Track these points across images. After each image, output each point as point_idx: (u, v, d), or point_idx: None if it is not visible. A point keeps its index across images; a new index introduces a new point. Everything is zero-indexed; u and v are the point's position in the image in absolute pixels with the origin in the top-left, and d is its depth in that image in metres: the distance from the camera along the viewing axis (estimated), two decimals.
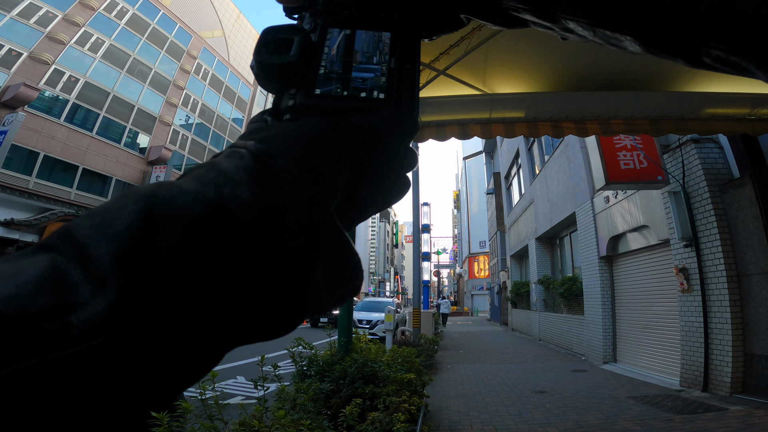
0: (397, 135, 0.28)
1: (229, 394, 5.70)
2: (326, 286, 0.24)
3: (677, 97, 3.64)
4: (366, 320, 14.06)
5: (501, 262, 24.44)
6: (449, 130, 3.90)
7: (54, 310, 0.16)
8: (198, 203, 0.19)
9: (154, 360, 0.18)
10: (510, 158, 20.17)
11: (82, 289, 0.17)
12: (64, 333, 0.16)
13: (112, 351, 0.17)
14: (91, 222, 0.18)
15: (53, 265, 0.17)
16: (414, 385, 4.02)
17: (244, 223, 0.20)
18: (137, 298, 0.17)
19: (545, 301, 14.08)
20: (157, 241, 0.18)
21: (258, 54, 0.29)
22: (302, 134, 0.25)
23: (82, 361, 0.16)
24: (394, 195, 0.29)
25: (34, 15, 18.36)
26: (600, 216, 9.59)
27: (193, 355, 0.19)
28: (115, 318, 0.17)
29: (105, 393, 0.17)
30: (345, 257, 0.25)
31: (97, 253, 0.17)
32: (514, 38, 3.06)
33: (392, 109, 0.28)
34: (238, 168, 0.21)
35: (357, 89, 0.29)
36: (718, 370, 5.71)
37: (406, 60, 0.30)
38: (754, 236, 5.42)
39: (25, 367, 0.15)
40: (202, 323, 0.19)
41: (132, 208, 0.18)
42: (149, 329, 0.17)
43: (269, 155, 0.22)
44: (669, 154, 6.78)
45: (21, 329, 0.15)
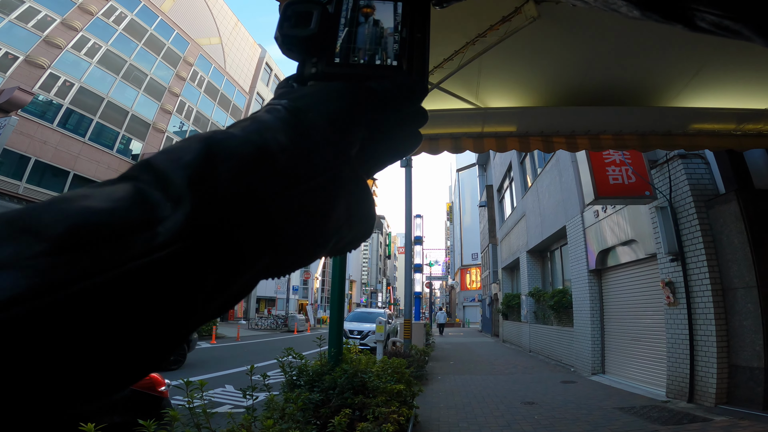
0: (408, 98, 0.32)
1: (217, 402, 5.64)
2: (346, 221, 0.29)
3: (665, 112, 3.71)
4: (357, 330, 13.98)
5: (493, 274, 24.52)
6: (442, 144, 3.95)
7: (145, 222, 0.20)
8: (247, 145, 0.24)
9: (218, 266, 0.22)
10: (503, 171, 20.37)
11: (164, 206, 0.21)
12: (153, 241, 0.20)
13: (186, 257, 0.21)
14: (166, 156, 0.23)
15: (137, 189, 0.21)
16: (404, 396, 4.02)
17: (282, 161, 0.25)
18: (206, 213, 0.22)
19: (536, 313, 14.14)
20: (219, 172, 0.23)
21: (281, 28, 0.32)
22: (326, 95, 0.30)
23: (163, 266, 0.20)
24: (407, 148, 0.33)
25: (32, 18, 18.34)
26: (590, 230, 9.71)
27: (245, 264, 0.24)
28: (190, 228, 0.21)
29: (177, 297, 0.21)
30: (362, 197, 0.30)
31: (174, 179, 0.22)
32: (507, 52, 3.12)
33: (404, 75, 0.32)
34: (276, 120, 0.27)
35: (372, 57, 0.32)
36: (704, 381, 5.79)
37: (417, 29, 0.33)
38: (739, 251, 5.53)
39: (126, 269, 0.19)
40: (252, 236, 0.23)
41: (196, 146, 0.23)
42: (215, 238, 0.22)
43: (300, 110, 0.28)
44: (657, 170, 6.92)
45: (121, 237, 0.19)
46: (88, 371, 0.19)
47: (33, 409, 0.17)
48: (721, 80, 3.35)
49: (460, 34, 3.01)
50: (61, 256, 0.18)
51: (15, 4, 17.80)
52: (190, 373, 7.81)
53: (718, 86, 3.42)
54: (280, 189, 0.25)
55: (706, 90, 3.46)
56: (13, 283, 0.17)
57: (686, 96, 3.55)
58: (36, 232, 0.18)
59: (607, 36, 2.97)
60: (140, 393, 3.06)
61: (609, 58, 3.21)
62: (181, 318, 0.21)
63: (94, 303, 0.18)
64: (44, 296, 0.17)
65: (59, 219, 0.19)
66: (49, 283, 0.17)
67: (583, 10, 2.65)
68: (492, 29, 2.92)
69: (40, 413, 0.18)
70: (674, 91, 3.51)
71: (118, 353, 0.19)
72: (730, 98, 3.53)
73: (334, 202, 0.28)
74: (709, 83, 3.38)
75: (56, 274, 0.17)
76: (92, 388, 0.19)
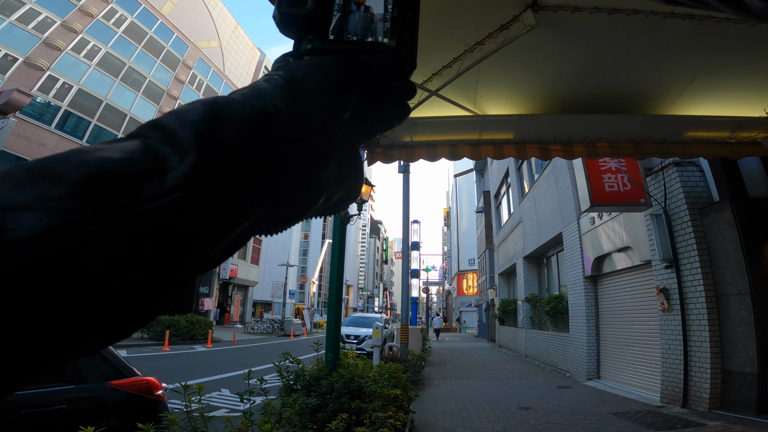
0: (398, 72, 0.35)
1: (214, 406, 5.62)
2: (336, 178, 0.32)
3: (660, 120, 3.75)
4: (354, 335, 13.95)
5: (489, 279, 24.54)
6: (440, 151, 3.98)
7: (155, 170, 0.23)
8: (248, 107, 0.28)
9: (220, 212, 0.25)
10: (500, 177, 20.44)
11: (171, 157, 0.24)
12: (162, 187, 0.23)
13: (191, 201, 0.23)
14: (173, 117, 0.26)
15: (147, 143, 0.24)
16: (400, 401, 4.03)
17: (279, 122, 0.28)
18: (210, 164, 0.25)
19: (532, 319, 14.16)
20: (222, 129, 0.26)
21: (279, 6, 0.34)
22: (320, 66, 0.33)
23: (171, 209, 0.23)
24: (395, 119, 0.37)
25: (33, 20, 18.36)
26: (586, 237, 9.76)
27: (244, 211, 0.27)
28: (196, 176, 0.24)
29: (183, 238, 0.23)
30: (351, 157, 0.33)
31: (181, 134, 0.25)
32: (505, 60, 3.15)
33: (394, 51, 0.35)
34: (274, 87, 0.30)
35: (364, 34, 0.35)
36: (697, 386, 5.83)
37: (408, 9, 0.36)
38: (733, 258, 5.59)
39: (138, 212, 0.21)
40: (251, 185, 0.27)
41: (201, 108, 0.26)
42: (218, 186, 0.25)
43: (296, 79, 0.31)
44: (652, 177, 6.99)
45: (134, 183, 0.22)
46: (102, 307, 0.21)
47: (53, 346, 0.20)
48: (715, 88, 3.40)
49: (459, 41, 3.05)
50: (81, 199, 0.20)
51: (16, 5, 17.82)
52: (186, 377, 7.79)
53: (712, 94, 3.47)
54: (277, 146, 0.28)
55: (700, 98, 3.51)
56: (36, 222, 0.19)
57: (681, 104, 3.59)
58: (56, 177, 0.20)
59: (604, 44, 3.02)
60: (137, 397, 3.06)
61: (605, 66, 3.25)
62: (185, 259, 0.24)
63: (110, 241, 0.20)
64: (66, 234, 0.19)
65: (78, 166, 0.21)
66: (70, 222, 0.19)
67: (581, 19, 2.68)
68: (490, 37, 2.95)
69: (60, 351, 0.20)
70: (669, 99, 3.55)
71: (128, 290, 0.21)
72: (725, 106, 3.58)
73: (327, 159, 0.31)
74: (703, 91, 3.43)
75: (76, 214, 0.20)
76: (103, 326, 0.21)
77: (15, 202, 0.19)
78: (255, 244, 33.15)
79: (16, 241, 0.18)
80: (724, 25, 2.66)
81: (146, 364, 9.93)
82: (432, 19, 2.72)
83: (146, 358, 11.47)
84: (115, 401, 2.90)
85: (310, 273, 46.34)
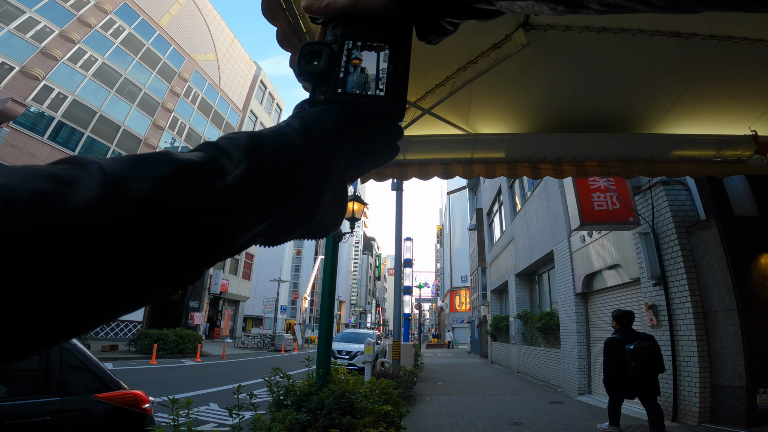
0: (389, 119, 0.44)
1: (202, 420, 5.51)
2: (331, 203, 0.41)
3: (647, 139, 3.81)
4: (345, 351, 13.81)
5: (482, 296, 24.51)
6: (432, 169, 4.01)
7: (219, 172, 0.32)
8: (276, 141, 0.37)
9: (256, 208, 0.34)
10: (492, 195, 20.61)
11: (229, 166, 0.33)
12: (225, 182, 0.31)
13: (242, 196, 0.32)
14: (227, 140, 0.35)
15: (210, 155, 0.33)
16: (391, 417, 3.99)
17: (298, 155, 0.38)
18: (254, 173, 0.34)
19: (524, 335, 14.14)
20: (261, 151, 0.35)
21: (299, 64, 0.43)
22: (326, 114, 0.42)
23: (229, 199, 0.31)
24: (386, 156, 0.45)
25: (31, 29, 18.38)
26: (576, 254, 9.85)
27: (268, 212, 0.35)
28: (246, 178, 0.33)
29: (231, 221, 0.31)
30: (341, 192, 0.42)
31: (234, 152, 0.34)
32: (497, 79, 3.20)
33: (388, 102, 0.43)
34: (293, 130, 0.39)
35: (365, 88, 0.43)
36: (687, 400, 5.86)
37: (400, 66, 0.44)
38: (719, 276, 5.67)
39: (210, 196, 0.30)
40: (276, 194, 0.35)
41: (246, 135, 0.36)
42: (258, 189, 0.34)
43: (309, 125, 0.40)
44: (640, 196, 7.11)
45: (207, 177, 0.31)
46: (173, 262, 0.28)
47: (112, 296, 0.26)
48: (701, 107, 3.47)
49: (452, 60, 3.12)
50: (175, 181, 0.29)
51: (15, 13, 17.85)
52: (174, 391, 7.63)
53: (698, 113, 3.54)
54: (295, 170, 0.37)
55: (686, 117, 3.58)
56: (149, 189, 0.27)
57: (667, 123, 3.65)
58: (157, 165, 0.29)
59: (593, 63, 3.09)
60: (123, 410, 3.00)
61: (594, 85, 3.32)
62: (229, 237, 0.32)
63: (190, 212, 0.29)
64: (165, 202, 0.28)
65: (171, 161, 0.30)
66: (169, 194, 0.28)
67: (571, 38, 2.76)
68: (483, 56, 3.03)
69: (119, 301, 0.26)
70: (656, 118, 3.61)
71: (191, 254, 0.29)
72: (710, 125, 3.64)
73: (327, 186, 0.40)
74: (689, 110, 3.50)
75: (173, 190, 0.28)
76: (166, 279, 0.28)
77: (132, 175, 0.27)
78: (247, 260, 32.89)
79: (137, 201, 0.26)
80: (708, 42, 2.75)
81: (133, 377, 9.73)
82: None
83: (133, 371, 11.23)
84: (101, 414, 2.85)
85: (302, 289, 45.93)
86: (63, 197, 0.24)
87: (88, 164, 0.27)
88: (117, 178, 0.27)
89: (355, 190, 6.54)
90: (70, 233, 0.24)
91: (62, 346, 2.67)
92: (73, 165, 0.27)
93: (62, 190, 0.24)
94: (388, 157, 0.45)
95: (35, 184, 0.24)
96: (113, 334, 19.41)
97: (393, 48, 0.44)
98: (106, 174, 0.26)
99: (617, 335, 5.31)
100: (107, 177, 0.26)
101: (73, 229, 0.24)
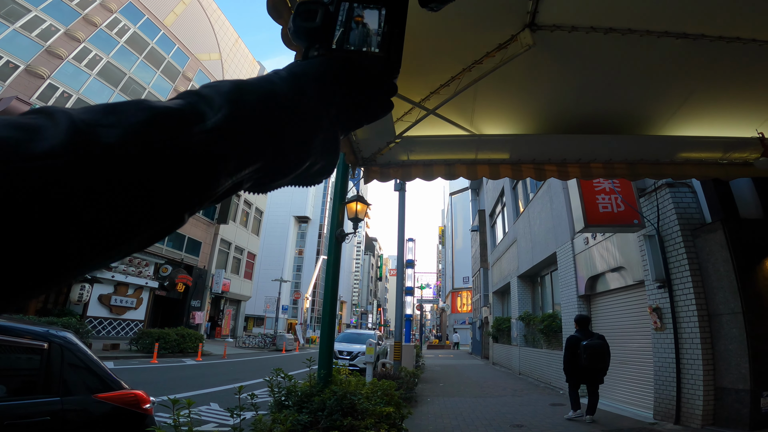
0: (384, 75, 0.44)
1: (203, 420, 5.50)
2: (320, 150, 0.42)
3: (653, 141, 3.78)
4: (346, 351, 13.78)
5: (483, 297, 24.45)
6: (436, 170, 3.98)
7: (199, 117, 0.32)
8: (261, 87, 0.37)
9: (239, 151, 0.34)
10: (495, 196, 20.56)
11: (209, 112, 0.33)
12: (204, 127, 0.32)
13: (222, 138, 0.33)
14: (209, 88, 0.35)
15: (190, 102, 0.33)
16: (393, 419, 3.97)
17: (283, 102, 0.38)
18: (236, 118, 0.34)
19: (525, 337, 14.08)
20: (245, 98, 0.35)
21: (294, 21, 0.43)
22: (317, 64, 0.42)
23: (209, 141, 0.32)
24: (380, 111, 0.46)
25: (36, 28, 18.45)
26: (579, 256, 9.80)
27: (252, 157, 0.36)
28: (225, 123, 0.33)
29: (213, 162, 0.32)
30: (333, 141, 0.43)
31: (216, 98, 0.34)
32: (502, 79, 3.16)
33: (383, 58, 0.43)
34: (280, 78, 0.39)
35: (360, 45, 0.43)
36: (690, 403, 5.82)
37: (396, 26, 0.44)
38: (724, 279, 5.63)
39: (187, 139, 0.31)
40: (260, 139, 0.36)
41: (229, 83, 0.36)
42: (239, 132, 0.34)
43: (296, 73, 0.40)
44: (645, 198, 7.06)
45: (185, 122, 0.31)
46: (154, 200, 0.29)
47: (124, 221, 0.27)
48: (707, 109, 3.44)
49: (457, 60, 3.09)
50: (149, 126, 0.29)
51: (21, 12, 17.93)
52: (174, 390, 7.63)
53: (704, 115, 3.50)
54: (281, 116, 0.37)
55: (693, 119, 3.55)
56: (119, 135, 0.27)
57: (674, 125, 3.62)
58: (130, 112, 0.29)
59: (599, 64, 3.06)
60: (124, 410, 2.99)
61: (600, 86, 3.29)
62: (209, 180, 0.32)
63: (167, 154, 0.29)
64: (139, 146, 0.28)
65: (146, 107, 0.30)
66: (142, 139, 0.28)
67: (577, 39, 2.73)
68: (488, 56, 2.99)
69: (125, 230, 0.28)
70: (662, 119, 3.57)
71: (170, 194, 0.30)
72: (717, 127, 3.60)
73: (315, 134, 0.40)
74: (696, 112, 3.46)
75: (147, 135, 0.29)
76: (151, 218, 0.29)
77: (102, 122, 0.28)
78: (249, 259, 32.91)
79: (105, 146, 0.27)
80: (716, 44, 2.72)
81: (133, 376, 9.74)
82: (431, 37, 2.77)
83: (134, 370, 11.24)
84: (101, 414, 2.83)
85: (304, 289, 45.97)
86: (26, 143, 0.24)
87: (55, 113, 0.27)
88: (85, 126, 0.27)
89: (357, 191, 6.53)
90: (35, 177, 0.23)
91: (63, 345, 2.65)
92: (40, 115, 0.27)
93: (26, 137, 0.24)
94: (382, 112, 0.45)
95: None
96: (114, 333, 19.45)
97: (390, 8, 0.44)
98: (73, 122, 0.27)
99: (577, 334, 6.71)
100: (74, 125, 0.27)
101: (38, 174, 0.24)
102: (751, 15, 2.53)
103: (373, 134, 3.61)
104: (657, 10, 2.53)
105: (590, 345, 6.41)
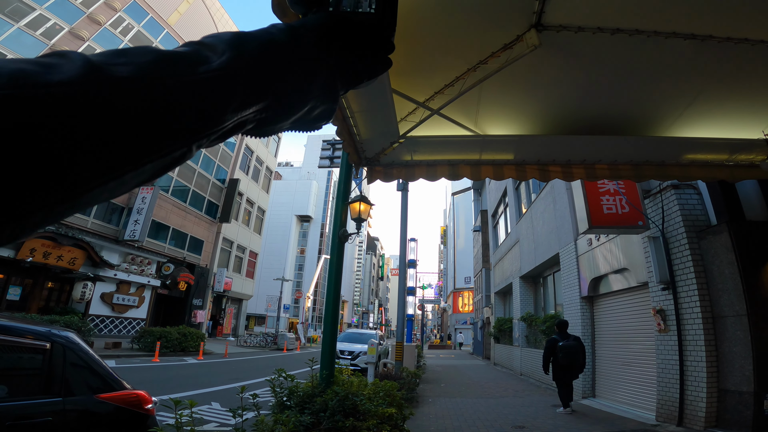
0: (379, 33, 0.46)
1: (205, 420, 5.50)
2: (319, 94, 0.44)
3: (659, 142, 3.75)
4: (348, 351, 13.77)
5: (485, 298, 24.41)
6: (440, 171, 3.96)
7: (204, 59, 0.35)
8: (262, 36, 0.40)
9: (242, 91, 0.37)
10: (498, 196, 20.52)
11: (213, 57, 0.36)
12: (209, 67, 0.35)
13: (225, 78, 0.36)
14: (211, 38, 0.38)
15: (195, 48, 0.36)
16: (395, 420, 3.95)
17: (282, 49, 0.40)
18: (238, 60, 0.37)
19: (527, 338, 14.05)
20: (245, 45, 0.38)
21: None
22: (314, 18, 0.44)
23: (213, 80, 0.35)
24: (378, 68, 0.48)
25: (41, 27, 18.48)
26: (582, 258, 9.76)
27: (255, 96, 0.38)
28: (229, 65, 0.36)
29: (218, 100, 0.35)
30: (332, 88, 0.45)
31: (218, 45, 0.37)
32: (507, 80, 3.15)
33: (379, 17, 0.45)
34: (279, 30, 0.42)
35: (356, 6, 0.45)
36: (693, 405, 5.79)
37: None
38: (729, 281, 5.59)
39: (194, 77, 0.34)
40: (262, 78, 0.38)
41: (230, 32, 0.39)
42: (242, 74, 0.37)
43: (294, 26, 0.43)
44: (650, 200, 7.02)
45: (192, 63, 0.34)
46: (163, 132, 0.31)
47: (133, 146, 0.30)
48: (714, 110, 3.41)
49: (462, 60, 3.06)
50: (158, 65, 0.32)
51: (26, 11, 17.98)
52: (176, 389, 7.63)
53: (711, 116, 3.48)
54: (280, 60, 0.40)
55: (699, 120, 3.52)
56: (131, 71, 0.30)
57: (680, 126, 3.59)
58: (140, 54, 0.32)
59: (605, 65, 3.04)
60: (126, 410, 2.98)
61: (606, 87, 3.26)
62: (217, 115, 0.35)
63: (175, 89, 0.32)
64: (148, 80, 0.31)
65: (153, 51, 0.33)
66: (152, 75, 0.31)
67: (583, 39, 2.72)
68: (493, 56, 2.97)
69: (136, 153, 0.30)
70: (668, 121, 3.55)
71: (179, 127, 0.32)
72: (723, 128, 3.57)
73: (313, 80, 0.43)
74: (702, 113, 3.44)
75: (155, 72, 0.32)
76: (149, 155, 0.31)
77: (114, 61, 0.30)
78: (251, 258, 32.95)
79: (118, 78, 0.29)
80: (724, 45, 2.69)
81: (135, 375, 9.75)
82: (435, 37, 2.75)
83: (135, 368, 11.26)
84: (104, 415, 2.82)
85: (306, 288, 46.01)
86: (45, 74, 0.26)
87: (70, 53, 0.30)
88: (99, 63, 0.29)
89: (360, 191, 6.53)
90: (54, 101, 0.26)
91: (65, 345, 2.64)
92: (56, 56, 0.29)
93: (45, 70, 0.27)
94: (381, 68, 0.48)
95: (18, 65, 0.26)
96: (116, 331, 19.48)
97: None
98: (88, 60, 0.29)
99: (555, 336, 7.72)
100: (89, 61, 0.29)
101: (57, 98, 0.26)
102: (760, 17, 2.51)
103: (377, 134, 3.59)
104: (665, 11, 2.51)
105: (565, 345, 7.39)
